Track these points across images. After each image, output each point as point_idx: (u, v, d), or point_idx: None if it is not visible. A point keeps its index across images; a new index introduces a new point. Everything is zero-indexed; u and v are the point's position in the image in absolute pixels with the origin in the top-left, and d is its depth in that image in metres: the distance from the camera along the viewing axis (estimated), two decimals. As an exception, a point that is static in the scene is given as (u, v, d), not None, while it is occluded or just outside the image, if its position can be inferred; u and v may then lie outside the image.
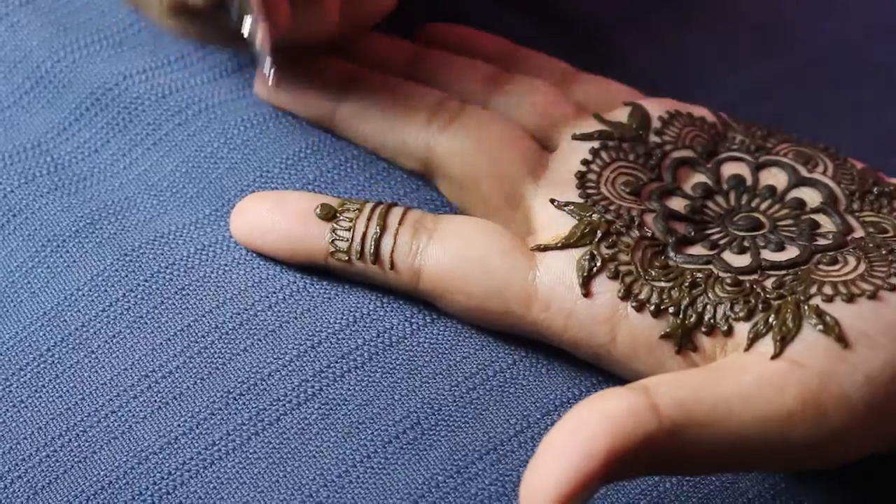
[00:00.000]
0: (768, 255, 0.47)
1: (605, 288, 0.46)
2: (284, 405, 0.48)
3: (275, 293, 0.49)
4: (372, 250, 0.48)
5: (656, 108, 0.51)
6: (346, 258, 0.48)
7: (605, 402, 0.41)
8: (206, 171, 0.52)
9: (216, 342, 0.49)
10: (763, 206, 0.49)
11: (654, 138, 0.50)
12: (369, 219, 0.48)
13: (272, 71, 0.48)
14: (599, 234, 0.47)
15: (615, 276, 0.46)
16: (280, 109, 0.52)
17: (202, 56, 0.54)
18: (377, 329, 0.49)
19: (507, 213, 0.49)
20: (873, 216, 0.48)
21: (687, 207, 0.49)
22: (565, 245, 0.47)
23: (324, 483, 0.47)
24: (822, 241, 0.48)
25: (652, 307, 0.46)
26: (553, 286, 0.47)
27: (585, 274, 0.46)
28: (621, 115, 0.51)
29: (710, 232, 0.49)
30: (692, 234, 0.48)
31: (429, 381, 0.48)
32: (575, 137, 0.50)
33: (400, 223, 0.48)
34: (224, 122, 0.53)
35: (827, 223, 0.48)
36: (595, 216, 0.48)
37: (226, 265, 0.50)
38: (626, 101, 0.51)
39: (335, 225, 0.49)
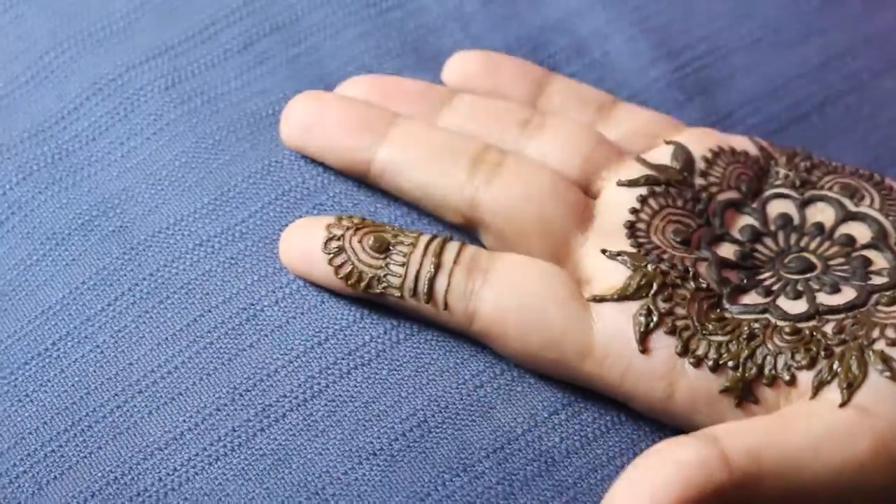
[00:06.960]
0: (825, 298, 0.47)
1: (663, 343, 0.46)
2: (290, 401, 0.48)
3: (281, 288, 0.49)
4: (426, 289, 0.47)
5: (698, 144, 0.50)
6: (399, 294, 0.47)
7: (675, 452, 0.42)
8: (206, 161, 0.51)
9: (222, 338, 0.48)
10: (813, 246, 0.49)
11: (699, 180, 0.49)
12: (423, 255, 0.47)
13: None
14: (655, 286, 0.46)
15: (672, 331, 0.46)
16: (311, 159, 0.51)
17: (208, 37, 0.53)
18: (384, 326, 0.48)
19: (554, 262, 0.48)
20: None
21: (737, 253, 0.48)
22: (622, 297, 0.46)
23: (329, 480, 0.47)
24: (877, 280, 0.47)
25: (710, 362, 0.45)
26: (610, 340, 0.46)
27: (643, 329, 0.46)
28: (664, 155, 0.50)
29: (762, 277, 0.48)
30: (745, 281, 0.48)
31: (436, 378, 0.48)
32: (620, 184, 0.49)
33: (455, 262, 0.47)
34: (229, 115, 0.52)
35: (879, 259, 0.48)
36: (650, 267, 0.47)
37: (231, 258, 0.50)
38: (667, 138, 0.50)
39: (389, 259, 0.47)
